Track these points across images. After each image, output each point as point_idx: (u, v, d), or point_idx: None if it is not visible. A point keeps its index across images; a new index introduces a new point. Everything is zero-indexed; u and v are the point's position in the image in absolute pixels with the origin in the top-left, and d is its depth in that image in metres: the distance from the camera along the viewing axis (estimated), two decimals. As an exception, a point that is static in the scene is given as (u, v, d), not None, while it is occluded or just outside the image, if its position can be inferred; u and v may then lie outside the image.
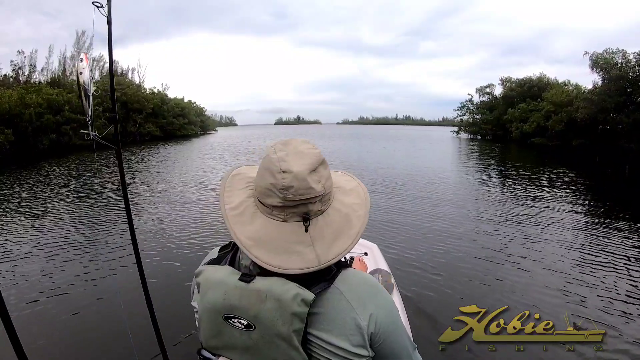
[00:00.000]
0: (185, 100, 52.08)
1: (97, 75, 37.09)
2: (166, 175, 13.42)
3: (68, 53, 38.23)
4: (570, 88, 30.99)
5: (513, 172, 14.21)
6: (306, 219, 0.74)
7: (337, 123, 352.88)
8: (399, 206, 8.28)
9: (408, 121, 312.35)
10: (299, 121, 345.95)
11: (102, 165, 15.47)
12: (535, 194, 9.82)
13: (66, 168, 15.13)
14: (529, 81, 36.20)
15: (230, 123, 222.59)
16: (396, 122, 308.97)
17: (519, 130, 31.32)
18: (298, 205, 0.73)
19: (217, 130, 65.85)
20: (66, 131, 24.84)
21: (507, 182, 11.96)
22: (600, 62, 21.19)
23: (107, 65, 37.17)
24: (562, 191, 10.34)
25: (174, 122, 38.20)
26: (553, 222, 7.04)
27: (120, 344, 2.92)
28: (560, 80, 34.78)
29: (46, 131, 24.04)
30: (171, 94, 46.57)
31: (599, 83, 22.00)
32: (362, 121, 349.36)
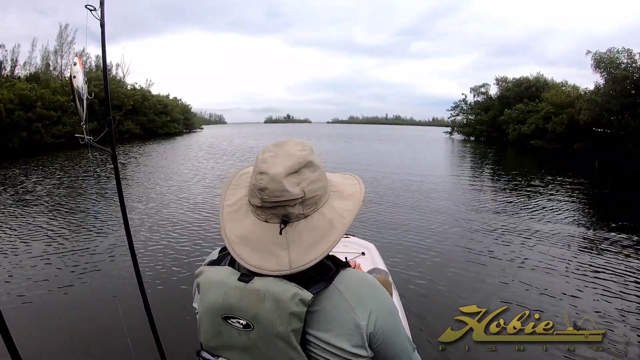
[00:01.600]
0: (171, 97, 50.47)
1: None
2: (149, 176, 12.60)
3: (51, 47, 36.51)
4: (568, 89, 30.27)
5: (511, 176, 13.90)
6: (285, 221, 0.73)
7: (327, 122, 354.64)
8: (397, 206, 8.19)
9: (398, 121, 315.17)
10: (288, 120, 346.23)
11: (78, 165, 14.86)
12: (535, 196, 9.75)
13: (47, 168, 13.80)
14: (526, 81, 34.99)
15: (219, 121, 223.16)
16: (386, 121, 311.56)
17: (516, 132, 30.16)
18: (276, 207, 0.73)
19: (202, 129, 62.80)
20: (37, 129, 23.15)
21: (506, 185, 11.91)
22: (604, 62, 20.29)
23: (89, 60, 36.43)
24: (562, 194, 10.17)
25: (156, 120, 35.99)
26: (553, 224, 7.01)
27: (117, 346, 2.85)
28: (557, 81, 34.19)
29: (17, 129, 22.37)
30: (158, 91, 44.64)
31: (602, 84, 21.21)
32: (352, 120, 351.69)
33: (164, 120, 37.56)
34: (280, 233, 0.72)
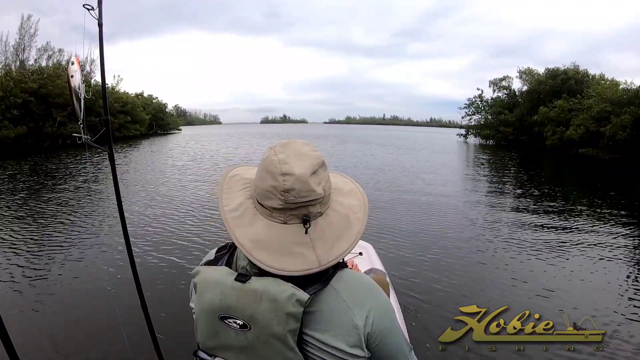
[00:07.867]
0: (145, 95, 44.58)
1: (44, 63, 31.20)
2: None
3: (12, 41, 31.21)
4: (606, 84, 24.57)
5: (517, 174, 13.68)
6: (306, 220, 0.73)
7: (324, 122, 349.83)
8: (396, 206, 8.02)
9: (395, 121, 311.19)
10: (285, 120, 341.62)
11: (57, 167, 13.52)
12: (537, 198, 9.29)
13: None
14: (562, 73, 28.63)
15: (214, 121, 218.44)
16: (383, 122, 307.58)
17: (556, 136, 24.26)
18: (299, 208, 0.72)
19: (180, 130, 55.61)
20: None
21: (507, 183, 11.97)
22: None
23: (55, 55, 32.31)
24: (566, 198, 9.42)
25: (112, 121, 29.13)
26: (553, 223, 6.87)
27: (114, 346, 2.81)
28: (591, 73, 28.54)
29: None
30: (132, 88, 38.29)
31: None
32: (349, 121, 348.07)
33: (122, 120, 31.42)
34: (306, 232, 0.72)
